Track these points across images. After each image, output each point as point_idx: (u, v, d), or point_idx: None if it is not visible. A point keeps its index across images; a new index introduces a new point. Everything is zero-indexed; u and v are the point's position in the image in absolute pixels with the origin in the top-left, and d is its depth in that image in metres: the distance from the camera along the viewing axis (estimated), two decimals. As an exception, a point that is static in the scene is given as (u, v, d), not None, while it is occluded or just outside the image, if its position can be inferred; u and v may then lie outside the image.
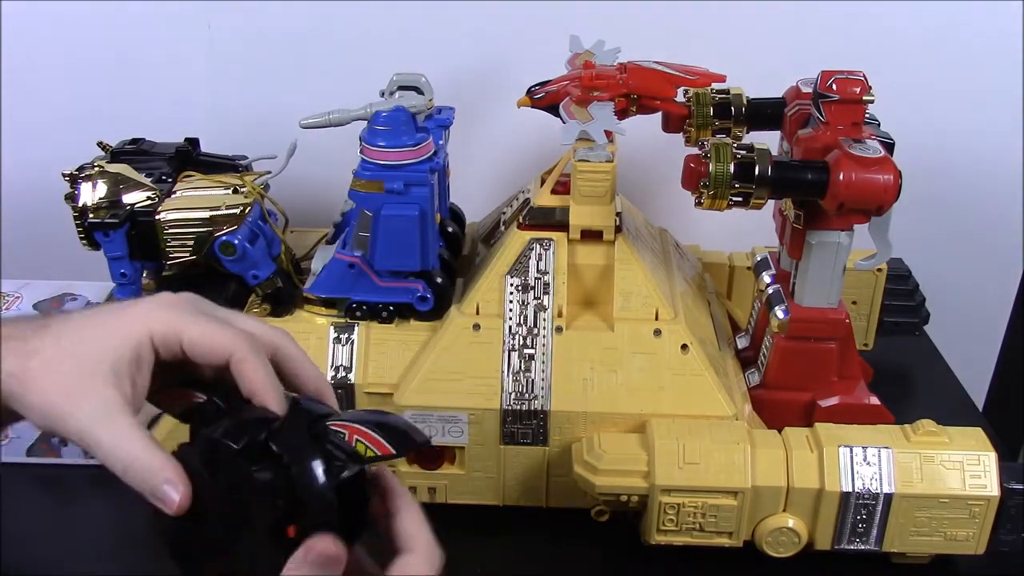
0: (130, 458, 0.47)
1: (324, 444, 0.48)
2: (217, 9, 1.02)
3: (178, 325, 0.50)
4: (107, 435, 0.47)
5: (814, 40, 1.01)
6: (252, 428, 0.48)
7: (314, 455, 0.47)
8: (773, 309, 0.78)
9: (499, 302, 0.77)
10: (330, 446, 0.48)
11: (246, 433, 0.48)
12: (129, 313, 0.50)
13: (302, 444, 0.48)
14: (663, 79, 0.81)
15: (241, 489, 0.47)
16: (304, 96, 0.86)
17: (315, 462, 0.47)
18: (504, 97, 0.86)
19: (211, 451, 0.48)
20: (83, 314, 0.51)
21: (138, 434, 0.48)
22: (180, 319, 0.50)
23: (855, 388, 0.79)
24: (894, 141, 0.75)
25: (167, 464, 0.47)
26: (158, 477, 0.47)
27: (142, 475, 0.47)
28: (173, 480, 0.47)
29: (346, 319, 0.79)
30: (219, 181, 0.81)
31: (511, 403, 0.75)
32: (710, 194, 0.71)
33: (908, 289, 0.94)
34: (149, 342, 0.49)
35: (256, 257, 0.79)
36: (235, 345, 0.50)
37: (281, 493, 0.47)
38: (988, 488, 0.70)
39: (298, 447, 0.47)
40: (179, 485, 0.47)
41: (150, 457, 0.47)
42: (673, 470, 0.70)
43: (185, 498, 0.47)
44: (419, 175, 0.75)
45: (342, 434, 0.48)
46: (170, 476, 0.47)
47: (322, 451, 0.47)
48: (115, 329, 0.49)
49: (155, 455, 0.47)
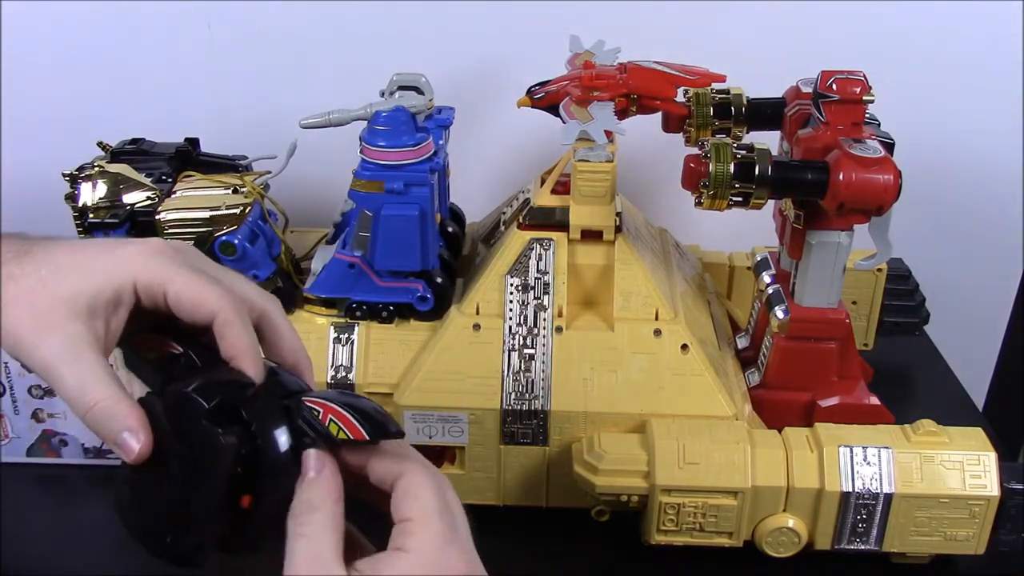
0: (92, 400, 0.46)
1: (295, 419, 0.47)
2: (217, 9, 1.02)
3: (165, 276, 0.48)
4: (71, 374, 0.46)
5: (814, 40, 1.01)
6: (225, 390, 0.47)
7: (283, 428, 0.46)
8: (773, 309, 0.78)
9: (499, 302, 0.77)
10: (301, 422, 0.46)
11: (218, 394, 0.46)
12: (116, 254, 0.49)
13: (273, 415, 0.47)
14: (663, 79, 0.81)
15: (202, 449, 0.45)
16: (304, 96, 0.86)
17: (282, 435, 0.46)
18: (504, 97, 0.86)
19: (179, 405, 0.46)
20: (70, 244, 0.49)
21: (103, 376, 0.46)
22: (168, 270, 0.48)
23: (855, 388, 0.79)
24: (894, 141, 0.74)
25: (130, 411, 0.46)
26: (119, 423, 0.46)
27: (103, 420, 0.46)
28: (134, 428, 0.46)
29: (346, 319, 0.79)
30: (219, 181, 0.81)
31: (511, 403, 0.75)
32: (710, 194, 0.71)
33: (908, 289, 0.94)
34: (132, 287, 0.48)
35: (256, 257, 0.79)
36: (220, 306, 0.48)
37: (242, 460, 0.45)
38: (988, 488, 0.70)
39: (269, 417, 0.46)
40: (140, 434, 0.46)
41: (114, 402, 0.46)
42: (673, 470, 0.70)
43: (145, 447, 0.45)
44: (419, 175, 0.75)
45: (316, 411, 0.47)
46: (132, 424, 0.46)
47: (291, 425, 0.46)
48: (98, 267, 0.48)
49: (119, 400, 0.46)
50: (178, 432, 0.46)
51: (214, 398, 0.46)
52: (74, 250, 0.49)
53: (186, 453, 0.46)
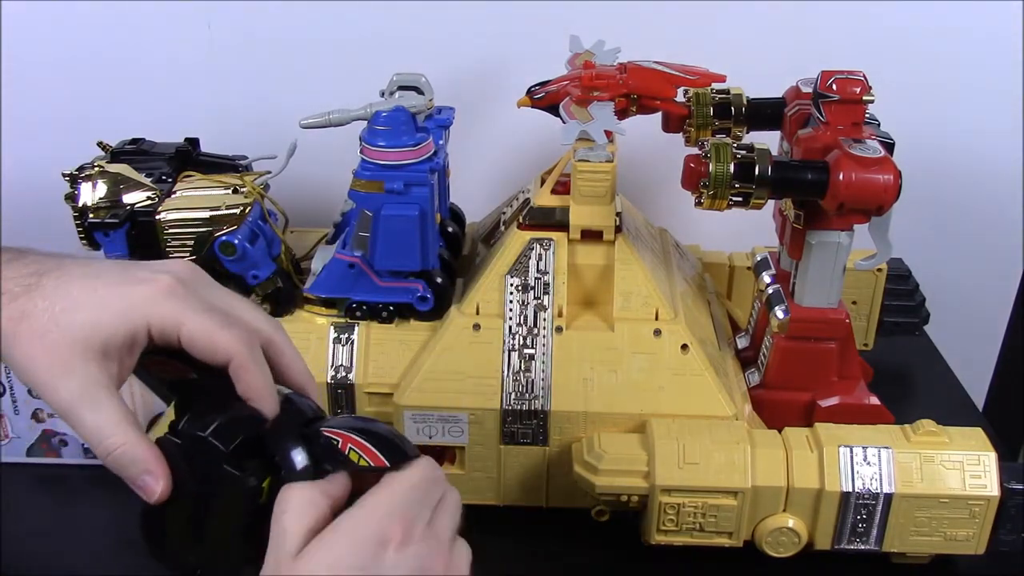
0: (113, 445, 0.47)
1: (315, 448, 0.48)
2: (217, 9, 1.01)
3: (179, 319, 0.49)
4: (91, 418, 0.47)
5: (814, 40, 1.01)
6: (244, 426, 0.48)
7: (304, 459, 0.48)
8: (773, 309, 0.78)
9: (499, 302, 0.77)
10: (321, 451, 0.48)
11: (239, 433, 0.48)
12: (131, 294, 0.49)
13: (294, 446, 0.48)
14: (663, 79, 0.81)
15: (225, 490, 0.47)
16: (304, 96, 0.86)
17: (304, 465, 0.48)
18: (504, 97, 0.86)
19: (198, 448, 0.48)
20: (82, 271, 0.49)
21: (122, 420, 0.47)
22: (182, 313, 0.49)
23: (855, 388, 0.79)
24: (894, 141, 0.74)
25: (149, 454, 0.47)
26: (139, 467, 0.47)
27: (124, 463, 0.47)
28: (154, 472, 0.47)
29: (346, 319, 0.79)
30: (219, 181, 0.81)
31: (511, 403, 0.75)
32: (710, 194, 0.71)
33: (908, 289, 0.94)
34: (146, 331, 0.49)
35: (256, 257, 0.79)
36: (235, 350, 0.49)
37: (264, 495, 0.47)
38: (988, 488, 0.70)
39: (290, 449, 0.48)
40: (160, 477, 0.47)
41: (133, 446, 0.47)
42: (673, 470, 0.70)
43: (165, 490, 0.47)
44: (419, 175, 0.75)
45: (336, 441, 0.48)
46: (151, 467, 0.47)
47: (313, 455, 0.48)
48: (113, 308, 0.48)
49: (138, 444, 0.47)
50: (198, 474, 0.48)
51: (234, 439, 0.48)
52: (86, 282, 0.49)
53: (208, 492, 0.48)
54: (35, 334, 0.47)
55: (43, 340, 0.47)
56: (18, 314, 0.47)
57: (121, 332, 0.48)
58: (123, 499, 0.81)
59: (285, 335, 0.53)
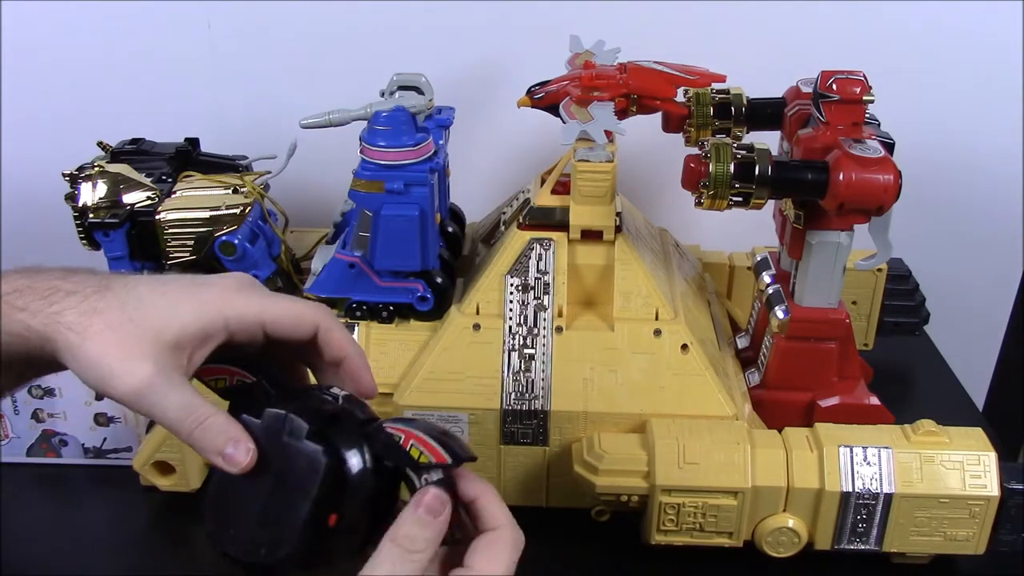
0: (202, 416, 0.48)
1: (376, 444, 0.49)
2: (217, 9, 1.02)
3: (258, 306, 0.51)
4: (175, 395, 0.48)
5: (814, 40, 1.01)
6: (316, 416, 0.49)
7: (367, 452, 0.49)
8: (773, 309, 0.78)
9: (499, 302, 0.77)
10: (382, 447, 0.49)
11: (316, 418, 0.49)
12: (203, 293, 0.51)
13: (357, 440, 0.49)
14: (663, 79, 0.81)
15: (300, 467, 0.48)
16: (304, 96, 0.86)
17: (367, 459, 0.49)
18: (504, 97, 0.86)
19: (278, 425, 0.49)
20: (149, 281, 0.51)
21: (200, 396, 0.49)
22: (259, 301, 0.52)
23: (855, 388, 0.79)
24: (894, 141, 0.74)
25: (234, 425, 0.49)
26: (226, 436, 0.48)
27: (212, 435, 0.48)
28: (240, 441, 0.48)
29: (346, 319, 0.79)
30: (219, 181, 0.81)
31: (511, 403, 0.75)
32: (710, 194, 0.71)
33: (908, 289, 0.94)
34: (222, 325, 0.50)
35: (256, 257, 0.79)
36: (318, 315, 0.53)
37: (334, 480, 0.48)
38: (988, 488, 0.70)
39: (353, 442, 0.49)
40: (246, 448, 0.48)
41: (219, 416, 0.49)
42: (673, 470, 0.70)
43: (251, 461, 0.48)
44: (419, 175, 0.75)
45: (398, 437, 0.49)
46: (237, 436, 0.48)
47: (374, 450, 0.49)
48: (187, 304, 0.50)
49: (223, 415, 0.49)
50: (274, 451, 0.48)
51: (313, 421, 0.49)
52: (154, 287, 0.51)
53: (283, 469, 0.48)
54: (108, 326, 0.48)
55: (117, 332, 0.48)
56: (90, 309, 0.49)
57: (195, 326, 0.50)
58: (123, 499, 0.82)
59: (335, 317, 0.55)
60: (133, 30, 1.02)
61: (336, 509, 0.48)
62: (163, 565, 0.77)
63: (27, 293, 0.49)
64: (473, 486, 0.51)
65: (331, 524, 0.48)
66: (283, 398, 0.51)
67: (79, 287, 0.50)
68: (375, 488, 0.49)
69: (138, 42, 1.03)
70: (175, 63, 1.04)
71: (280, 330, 0.52)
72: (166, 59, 1.04)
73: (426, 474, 0.49)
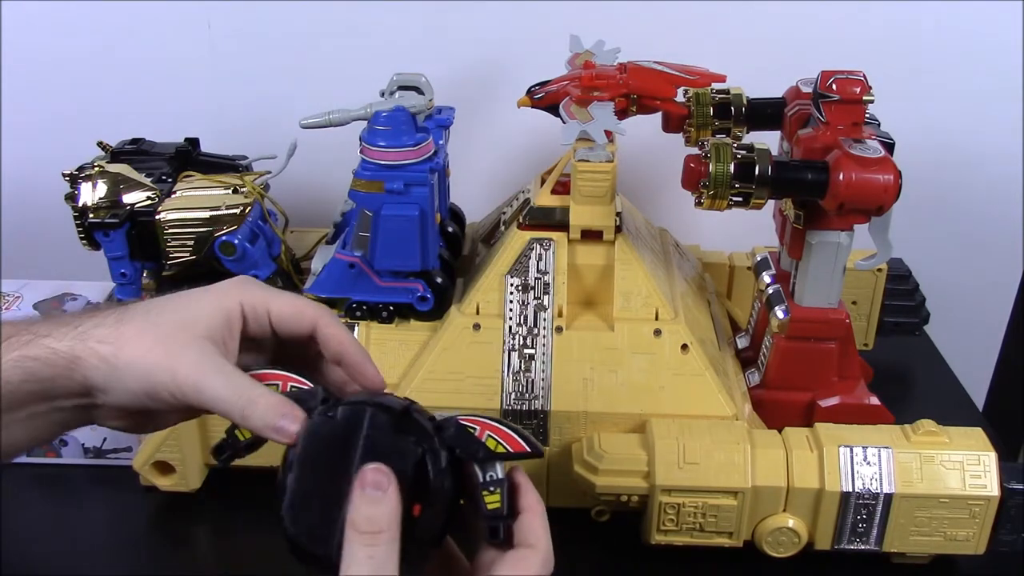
0: (255, 395, 0.49)
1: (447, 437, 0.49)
2: (217, 9, 1.02)
3: (264, 297, 0.53)
4: (222, 379, 0.49)
5: (814, 40, 1.01)
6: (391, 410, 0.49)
7: (445, 442, 0.49)
8: (773, 309, 0.78)
9: (499, 302, 0.77)
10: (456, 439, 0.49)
11: (391, 413, 0.49)
12: (215, 289, 0.53)
13: (432, 432, 0.49)
14: (663, 79, 0.81)
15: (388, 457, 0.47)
16: (304, 96, 0.86)
17: (446, 447, 0.49)
18: (504, 97, 0.86)
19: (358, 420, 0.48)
20: (165, 296, 0.53)
21: (248, 377, 0.50)
22: (265, 293, 0.53)
23: (855, 388, 0.79)
24: (894, 141, 0.75)
25: (285, 401, 0.49)
26: (279, 411, 0.49)
27: (264, 411, 0.49)
28: (290, 414, 0.49)
29: (346, 319, 0.79)
30: (219, 181, 0.81)
31: (511, 403, 0.75)
32: (710, 194, 0.71)
33: (908, 289, 0.94)
34: (239, 309, 0.52)
35: (256, 257, 0.79)
36: (318, 313, 0.54)
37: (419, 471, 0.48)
38: (988, 488, 0.70)
39: (431, 433, 0.49)
40: (296, 419, 0.49)
41: (269, 395, 0.49)
42: (673, 470, 0.70)
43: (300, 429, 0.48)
44: (419, 175, 0.75)
45: (473, 428, 0.49)
46: (287, 410, 0.49)
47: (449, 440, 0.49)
48: (203, 300, 0.52)
49: (270, 393, 0.50)
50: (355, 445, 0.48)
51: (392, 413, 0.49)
52: (171, 297, 0.53)
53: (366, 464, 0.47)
54: (140, 332, 0.50)
55: (150, 334, 0.50)
56: (117, 321, 0.50)
57: (219, 316, 0.51)
58: (123, 499, 0.82)
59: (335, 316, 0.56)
60: (133, 30, 1.02)
61: (420, 499, 0.47)
62: (163, 565, 0.77)
63: (49, 322, 0.50)
64: (526, 497, 0.51)
65: (416, 515, 0.47)
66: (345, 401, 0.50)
67: (99, 313, 0.51)
68: (453, 478, 0.49)
69: (138, 42, 1.03)
70: (175, 63, 1.04)
71: (283, 322, 0.53)
72: (166, 59, 1.04)
73: (491, 471, 0.49)
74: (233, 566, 0.76)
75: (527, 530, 0.51)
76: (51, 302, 0.89)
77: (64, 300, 0.90)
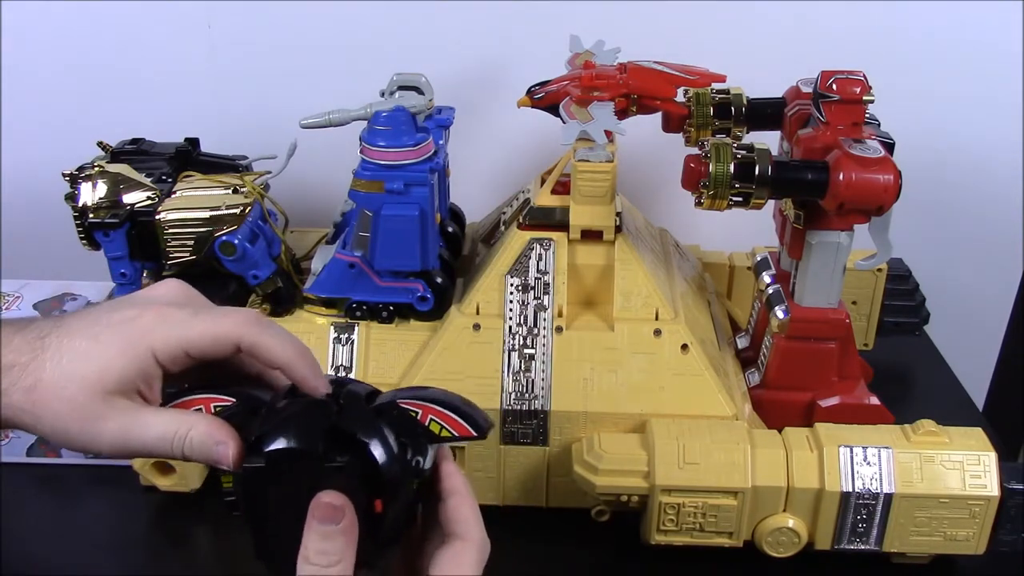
0: (188, 426, 0.48)
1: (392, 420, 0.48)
2: (217, 9, 1.02)
3: (179, 336, 0.50)
4: (150, 432, 0.48)
5: (814, 40, 1.01)
6: (316, 422, 0.47)
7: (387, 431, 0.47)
8: (773, 309, 0.78)
9: (499, 302, 0.77)
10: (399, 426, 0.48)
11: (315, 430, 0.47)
12: (131, 330, 0.50)
13: (372, 424, 0.47)
14: (663, 79, 0.81)
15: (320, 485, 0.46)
16: (304, 96, 0.86)
17: (390, 438, 0.47)
18: (504, 97, 0.86)
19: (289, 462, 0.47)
20: (87, 326, 0.50)
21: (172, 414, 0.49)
22: (179, 330, 0.50)
23: (855, 388, 0.79)
24: (894, 141, 0.75)
25: (213, 424, 0.48)
26: (214, 439, 0.48)
27: (201, 440, 0.48)
28: (224, 440, 0.48)
29: (346, 319, 0.79)
30: (219, 181, 0.81)
31: (511, 403, 0.75)
32: (710, 194, 0.71)
33: (908, 289, 0.94)
34: (153, 360, 0.49)
35: (256, 257, 0.79)
36: (239, 329, 0.50)
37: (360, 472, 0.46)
38: (988, 488, 0.70)
39: (370, 426, 0.47)
40: (232, 442, 0.48)
41: (199, 423, 0.48)
42: (673, 470, 0.70)
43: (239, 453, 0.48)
44: (419, 175, 0.75)
45: (415, 413, 0.48)
46: (222, 437, 0.48)
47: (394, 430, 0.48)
48: (117, 348, 0.49)
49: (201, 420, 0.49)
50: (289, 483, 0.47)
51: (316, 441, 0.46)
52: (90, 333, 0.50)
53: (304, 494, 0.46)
54: (53, 396, 0.48)
55: (62, 397, 0.48)
56: (31, 382, 0.48)
57: (131, 369, 0.49)
58: (123, 499, 0.82)
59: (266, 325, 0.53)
60: (133, 30, 1.02)
61: (376, 495, 0.47)
62: (163, 565, 0.77)
63: None
64: (449, 481, 0.50)
65: (379, 510, 0.47)
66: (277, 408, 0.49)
67: (18, 356, 0.49)
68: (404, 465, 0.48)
69: (138, 42, 1.03)
70: (175, 63, 1.04)
71: (204, 353, 0.50)
72: (166, 59, 1.04)
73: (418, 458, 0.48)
74: (233, 566, 0.76)
75: (457, 519, 0.49)
76: (51, 302, 0.90)
77: (64, 300, 0.90)
